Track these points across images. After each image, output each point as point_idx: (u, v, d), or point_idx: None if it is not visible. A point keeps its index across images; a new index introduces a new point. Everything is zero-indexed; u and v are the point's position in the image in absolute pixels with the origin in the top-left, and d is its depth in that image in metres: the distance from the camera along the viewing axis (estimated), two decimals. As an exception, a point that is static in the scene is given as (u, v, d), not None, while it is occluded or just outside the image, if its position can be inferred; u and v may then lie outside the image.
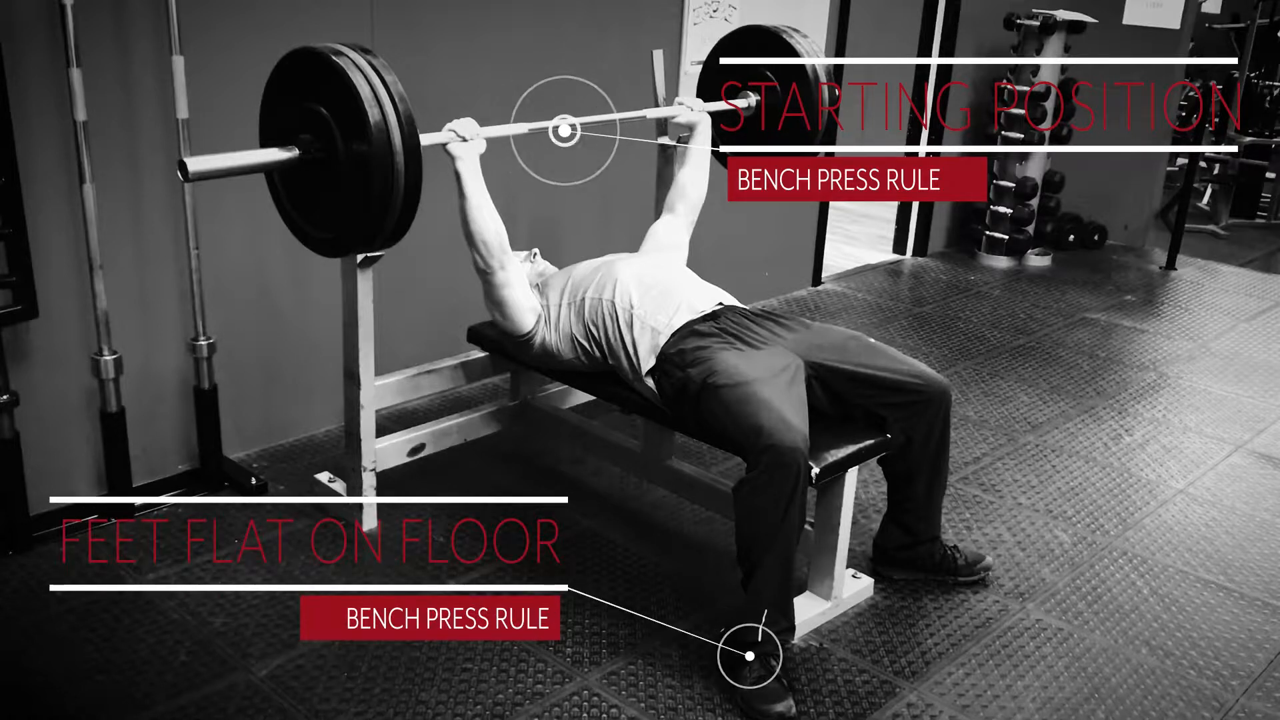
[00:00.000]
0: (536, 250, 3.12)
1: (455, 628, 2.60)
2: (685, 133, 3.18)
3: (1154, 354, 4.68)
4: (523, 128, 2.74)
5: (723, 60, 3.31)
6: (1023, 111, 5.59)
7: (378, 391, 2.99)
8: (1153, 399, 4.20)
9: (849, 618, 2.74)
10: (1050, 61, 5.54)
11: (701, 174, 3.15)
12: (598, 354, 2.77)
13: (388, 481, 3.09)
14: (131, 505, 3.01)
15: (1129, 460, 3.67)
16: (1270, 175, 7.51)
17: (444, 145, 2.59)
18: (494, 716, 2.34)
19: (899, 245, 6.03)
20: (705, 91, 3.33)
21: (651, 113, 3.13)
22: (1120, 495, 3.43)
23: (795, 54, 3.17)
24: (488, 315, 2.93)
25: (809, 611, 2.67)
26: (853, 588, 2.79)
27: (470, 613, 2.66)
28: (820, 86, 3.17)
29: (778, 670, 2.38)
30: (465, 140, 2.60)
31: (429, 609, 2.67)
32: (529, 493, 3.25)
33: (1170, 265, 5.98)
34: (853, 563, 2.86)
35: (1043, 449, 3.73)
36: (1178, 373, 4.47)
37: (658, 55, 3.28)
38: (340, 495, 3.06)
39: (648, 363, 2.65)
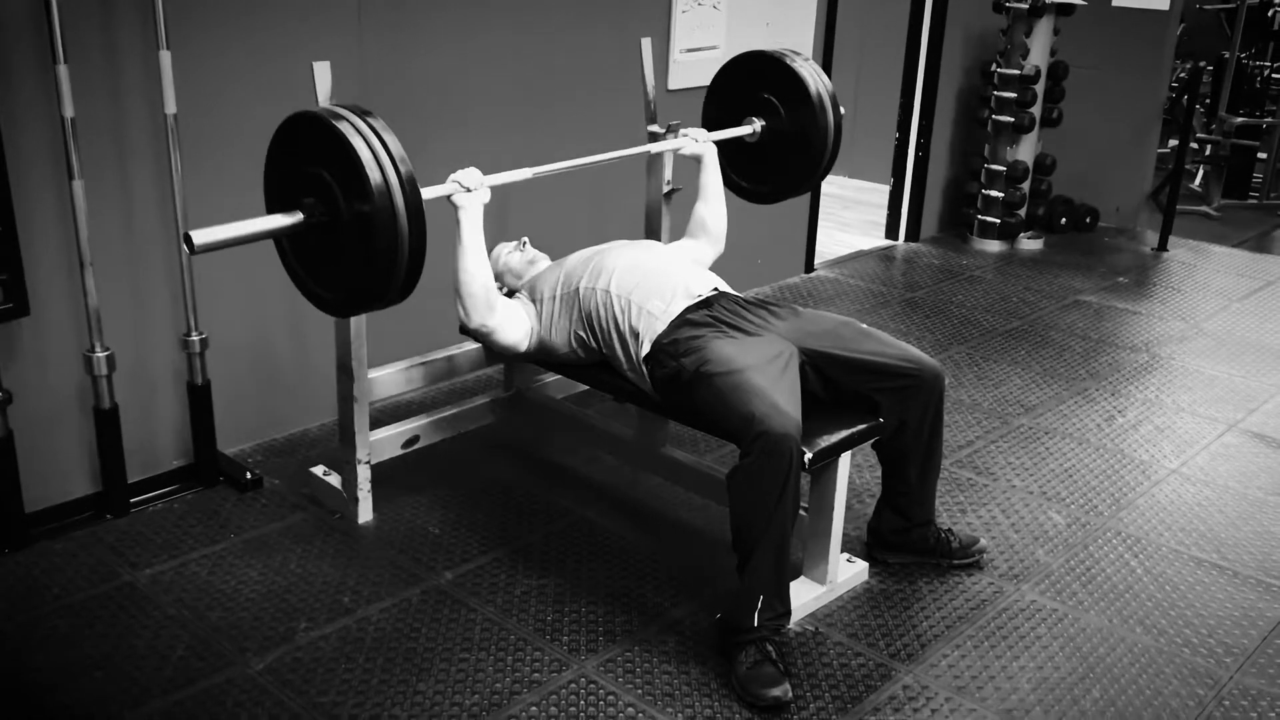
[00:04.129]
0: (526, 239, 3.11)
1: (451, 618, 2.62)
2: (693, 163, 3.17)
3: (1146, 335, 4.69)
4: (527, 173, 2.72)
5: (724, 88, 3.29)
6: (1013, 95, 5.59)
7: (371, 384, 2.99)
8: (1145, 380, 4.21)
9: (844, 602, 2.75)
10: (1040, 44, 5.54)
11: (719, 205, 3.14)
12: (593, 343, 2.77)
13: (382, 474, 3.09)
14: (127, 501, 3.01)
15: (1122, 441, 3.68)
16: (1262, 156, 7.51)
17: (448, 197, 2.57)
18: (492, 705, 2.34)
19: (891, 231, 6.02)
20: (709, 121, 3.31)
21: (655, 147, 3.13)
22: (1114, 476, 3.44)
23: (797, 78, 3.13)
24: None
25: (804, 596, 2.68)
26: (847, 572, 2.80)
27: (466, 603, 2.68)
28: (825, 109, 3.14)
29: (774, 655, 2.39)
30: (469, 190, 2.58)
31: (425, 600, 2.69)
32: (523, 483, 3.26)
33: (1162, 247, 5.98)
34: (847, 547, 2.87)
35: (1036, 431, 3.74)
36: (1170, 353, 4.48)
37: (646, 43, 3.28)
38: (335, 488, 3.06)
39: (643, 350, 2.65)
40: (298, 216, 2.22)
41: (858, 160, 7.20)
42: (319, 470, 3.16)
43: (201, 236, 2.14)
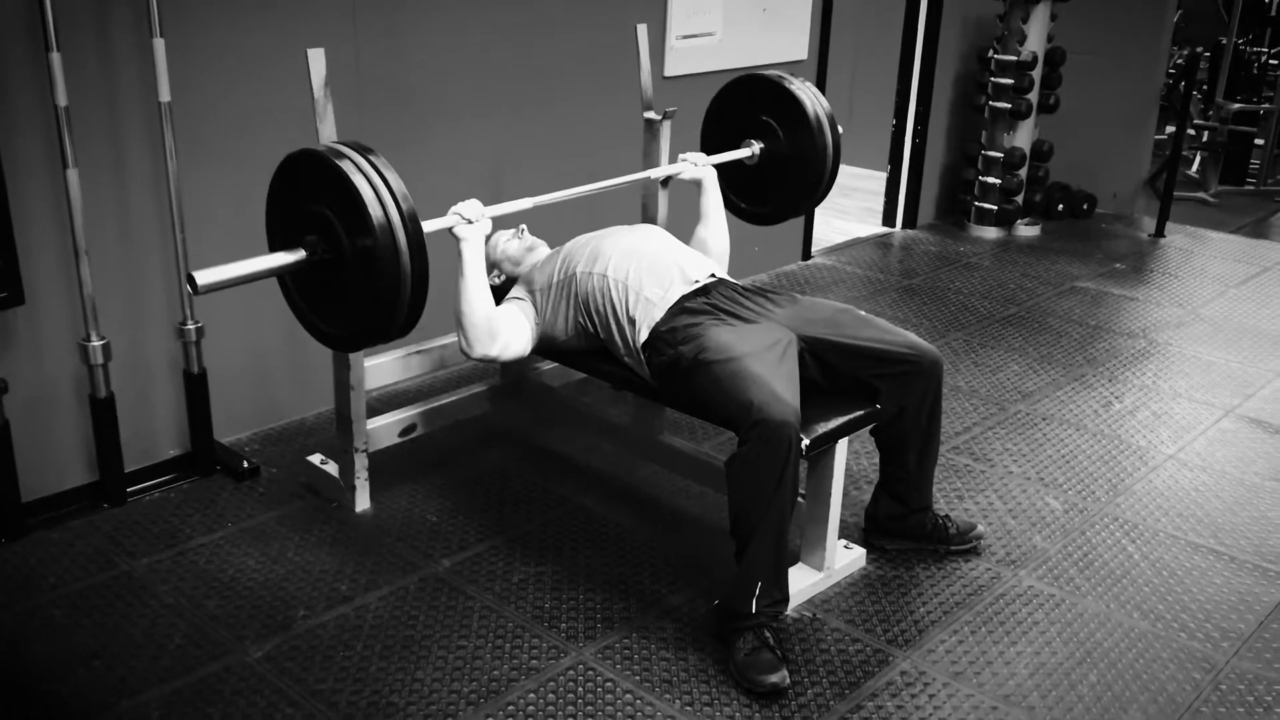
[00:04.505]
0: (524, 226, 3.10)
1: (449, 605, 2.62)
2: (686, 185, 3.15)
3: (1144, 321, 4.69)
4: (528, 202, 2.72)
5: (722, 111, 3.27)
6: (1010, 81, 5.57)
7: (368, 373, 2.99)
8: (1143, 366, 4.21)
9: (841, 588, 2.75)
10: (1037, 30, 5.52)
11: (720, 228, 3.12)
12: (591, 329, 2.77)
13: (380, 462, 3.09)
14: (123, 490, 3.01)
15: (1119, 427, 3.68)
16: (1259, 142, 7.51)
17: (450, 229, 2.55)
18: (490, 693, 2.35)
19: (888, 218, 6.02)
20: (707, 144, 3.29)
21: (655, 172, 3.13)
22: (1111, 462, 3.44)
23: (795, 100, 3.12)
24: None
25: (802, 582, 2.69)
26: (845, 558, 2.80)
27: (464, 590, 2.68)
28: (823, 130, 3.12)
29: (771, 641, 2.40)
30: (470, 223, 2.56)
31: (423, 588, 2.69)
32: (521, 471, 3.26)
33: (1159, 233, 5.98)
34: (845, 533, 2.87)
35: (1033, 417, 3.74)
36: (1167, 339, 4.48)
37: (641, 29, 3.27)
38: (332, 477, 3.06)
39: (641, 337, 2.65)
40: (301, 254, 2.24)
41: (855, 147, 7.19)
42: (316, 459, 3.15)
43: (205, 277, 2.15)
